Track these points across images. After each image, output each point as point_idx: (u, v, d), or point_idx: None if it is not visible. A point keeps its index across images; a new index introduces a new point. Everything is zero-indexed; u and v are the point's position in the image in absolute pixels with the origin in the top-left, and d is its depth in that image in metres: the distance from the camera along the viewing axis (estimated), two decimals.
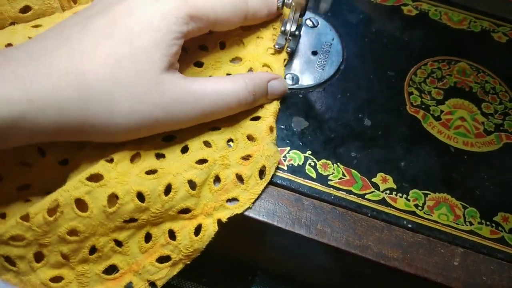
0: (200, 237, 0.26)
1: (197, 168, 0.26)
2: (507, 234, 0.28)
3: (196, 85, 0.26)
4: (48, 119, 0.22)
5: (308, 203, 0.28)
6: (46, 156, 0.27)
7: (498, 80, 0.35)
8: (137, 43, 0.24)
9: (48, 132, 0.23)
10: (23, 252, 0.24)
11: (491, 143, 0.32)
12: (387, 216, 0.28)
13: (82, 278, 0.25)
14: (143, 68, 0.24)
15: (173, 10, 0.25)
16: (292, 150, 0.30)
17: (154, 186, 0.25)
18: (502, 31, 0.38)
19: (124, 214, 0.25)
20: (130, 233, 0.26)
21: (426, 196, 0.29)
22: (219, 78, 0.28)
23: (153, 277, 0.26)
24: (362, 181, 0.29)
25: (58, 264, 0.25)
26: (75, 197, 0.24)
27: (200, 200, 0.26)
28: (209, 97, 0.26)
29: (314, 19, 0.36)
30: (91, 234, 0.25)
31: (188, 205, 0.26)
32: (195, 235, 0.26)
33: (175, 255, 0.26)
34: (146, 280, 0.26)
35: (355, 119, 0.32)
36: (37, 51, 0.23)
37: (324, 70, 0.34)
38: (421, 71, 0.35)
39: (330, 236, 0.27)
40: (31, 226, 0.24)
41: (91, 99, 0.23)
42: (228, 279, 0.36)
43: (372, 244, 0.27)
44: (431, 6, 0.38)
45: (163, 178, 0.25)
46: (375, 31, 0.37)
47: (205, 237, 0.26)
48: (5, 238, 0.24)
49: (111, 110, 0.24)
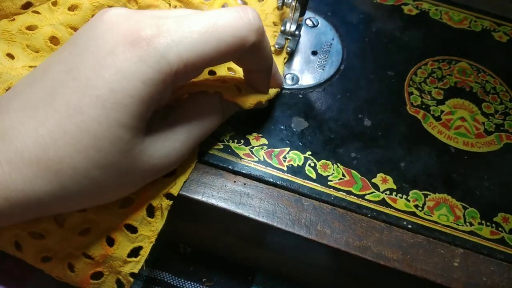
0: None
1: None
2: (507, 234, 0.28)
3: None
4: (28, 212, 0.21)
5: (308, 204, 0.28)
6: None
7: (499, 80, 0.35)
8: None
9: (27, 217, 0.22)
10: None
11: (491, 143, 0.31)
12: (387, 216, 0.28)
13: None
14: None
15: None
16: (292, 150, 0.30)
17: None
18: (503, 30, 0.38)
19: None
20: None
21: (426, 196, 0.29)
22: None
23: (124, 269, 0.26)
24: (362, 181, 0.29)
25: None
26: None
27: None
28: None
29: (314, 19, 0.36)
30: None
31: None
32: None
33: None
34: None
35: (355, 119, 0.32)
36: (5, 126, 0.20)
37: (324, 70, 0.34)
38: (422, 71, 0.35)
39: (330, 237, 0.27)
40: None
41: (73, 189, 0.21)
42: (228, 279, 0.36)
43: (372, 245, 0.27)
44: (431, 6, 0.38)
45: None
46: (375, 30, 0.37)
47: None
48: None
49: (102, 192, 0.23)
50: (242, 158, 0.29)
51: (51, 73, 0.21)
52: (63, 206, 0.22)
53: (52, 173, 0.20)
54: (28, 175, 0.20)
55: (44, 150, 0.20)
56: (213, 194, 0.27)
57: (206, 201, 0.27)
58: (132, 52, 0.20)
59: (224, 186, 0.28)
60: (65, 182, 0.21)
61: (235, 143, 0.30)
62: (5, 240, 0.26)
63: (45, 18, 0.28)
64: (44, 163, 0.20)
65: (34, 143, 0.20)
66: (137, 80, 0.20)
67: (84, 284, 0.26)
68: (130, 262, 0.26)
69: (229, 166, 0.28)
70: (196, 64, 0.22)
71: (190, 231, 0.35)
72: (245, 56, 0.24)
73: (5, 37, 0.27)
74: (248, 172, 0.28)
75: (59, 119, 0.20)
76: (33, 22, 0.28)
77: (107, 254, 0.26)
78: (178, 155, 0.25)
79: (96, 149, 0.21)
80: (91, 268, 0.26)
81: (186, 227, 0.34)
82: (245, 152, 0.29)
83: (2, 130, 0.20)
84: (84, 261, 0.26)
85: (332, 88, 0.33)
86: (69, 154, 0.20)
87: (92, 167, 0.21)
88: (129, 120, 0.21)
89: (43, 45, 0.28)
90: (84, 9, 0.28)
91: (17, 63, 0.27)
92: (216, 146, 0.29)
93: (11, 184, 0.20)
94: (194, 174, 0.28)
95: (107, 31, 0.21)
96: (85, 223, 0.26)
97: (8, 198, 0.20)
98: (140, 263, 0.26)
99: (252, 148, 0.29)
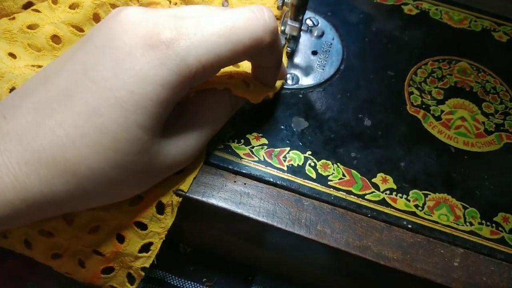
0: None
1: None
2: (508, 234, 0.28)
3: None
4: (44, 211, 0.21)
5: (308, 204, 0.28)
6: None
7: (499, 80, 0.35)
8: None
9: (42, 217, 0.22)
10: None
11: (491, 143, 0.31)
12: (387, 216, 0.28)
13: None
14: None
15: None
16: (292, 150, 0.30)
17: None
18: (503, 30, 0.37)
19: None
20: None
21: (426, 196, 0.29)
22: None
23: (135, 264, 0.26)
24: (362, 181, 0.29)
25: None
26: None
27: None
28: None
29: (314, 19, 0.36)
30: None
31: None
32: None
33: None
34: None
35: (355, 119, 0.32)
36: (22, 127, 0.20)
37: (324, 70, 0.34)
38: (422, 70, 0.35)
39: (330, 236, 0.27)
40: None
41: (90, 189, 0.21)
42: (228, 279, 0.36)
43: (372, 244, 0.27)
44: (431, 5, 0.38)
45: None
46: (375, 30, 0.37)
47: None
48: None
49: (117, 191, 0.23)
50: (242, 158, 0.29)
51: (65, 73, 0.21)
52: (78, 205, 0.23)
53: (69, 174, 0.20)
54: (45, 176, 0.20)
55: (61, 151, 0.20)
56: (213, 194, 0.27)
57: (206, 201, 0.27)
58: (152, 55, 0.20)
59: (224, 186, 0.28)
60: (82, 182, 0.21)
61: (235, 143, 0.30)
62: (15, 238, 0.26)
63: (45, 16, 0.28)
64: (62, 164, 0.20)
65: (51, 144, 0.20)
66: (157, 83, 0.21)
67: (95, 279, 0.27)
68: (141, 258, 0.26)
69: (229, 166, 0.28)
70: (214, 65, 0.22)
71: (190, 231, 0.35)
72: (259, 55, 0.25)
73: (6, 37, 0.27)
74: (248, 172, 0.28)
75: (77, 120, 0.20)
76: (33, 21, 0.28)
77: (117, 250, 0.26)
78: (191, 152, 0.25)
79: (115, 150, 0.21)
80: (102, 263, 0.26)
81: (186, 227, 0.34)
82: (245, 152, 0.29)
83: (18, 132, 0.20)
84: (95, 258, 0.26)
85: (332, 88, 0.33)
86: (87, 155, 0.20)
87: (110, 168, 0.21)
88: (148, 121, 0.21)
89: (45, 44, 0.28)
90: (85, 7, 0.28)
91: (19, 63, 0.27)
92: (216, 146, 0.29)
93: (29, 185, 0.20)
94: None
95: (125, 32, 0.21)
96: (94, 221, 0.26)
97: (25, 199, 0.20)
98: (151, 258, 0.26)
99: (252, 148, 0.29)
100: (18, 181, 0.20)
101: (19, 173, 0.20)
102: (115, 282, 0.27)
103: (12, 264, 0.35)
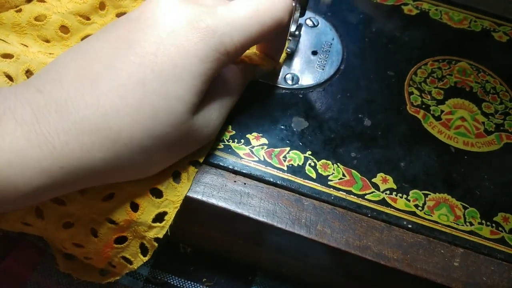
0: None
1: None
2: (507, 234, 0.28)
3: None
4: (79, 181, 0.22)
5: (308, 204, 0.28)
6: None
7: (499, 80, 0.35)
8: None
9: (75, 188, 0.23)
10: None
11: (491, 143, 0.31)
12: (387, 216, 0.28)
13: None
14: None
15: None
16: (292, 150, 0.30)
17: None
18: (503, 30, 0.38)
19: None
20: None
21: (426, 196, 0.29)
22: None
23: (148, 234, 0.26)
24: (362, 181, 0.29)
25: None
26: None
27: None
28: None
29: (314, 19, 0.36)
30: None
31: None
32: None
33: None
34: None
35: (355, 119, 0.32)
36: (62, 99, 0.21)
37: (324, 70, 0.34)
38: (422, 70, 0.35)
39: (330, 236, 0.27)
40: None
41: (125, 158, 0.22)
42: (228, 279, 0.36)
43: (372, 244, 0.27)
44: (431, 6, 0.38)
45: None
46: (375, 30, 0.37)
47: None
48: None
49: (147, 163, 0.24)
50: (242, 158, 0.29)
51: (106, 48, 0.23)
52: (111, 176, 0.23)
53: (110, 141, 0.21)
54: (86, 143, 0.21)
55: (105, 119, 0.21)
56: (213, 193, 0.27)
57: (206, 201, 0.27)
58: (194, 33, 0.23)
59: (224, 186, 0.28)
60: (120, 150, 0.22)
61: (235, 143, 0.30)
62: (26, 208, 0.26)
63: (51, 6, 0.29)
64: (104, 132, 0.21)
65: (95, 113, 0.21)
66: (197, 57, 0.23)
67: (108, 249, 0.26)
68: (155, 227, 0.26)
69: (229, 165, 0.29)
70: (244, 46, 0.25)
71: (190, 231, 0.35)
72: (276, 33, 0.27)
73: (16, 30, 0.28)
74: (248, 171, 0.28)
75: (122, 91, 0.22)
76: (40, 12, 0.28)
77: (131, 219, 0.26)
78: (216, 125, 0.27)
79: (153, 120, 0.22)
80: (115, 232, 0.26)
81: (186, 227, 0.34)
82: (245, 151, 0.29)
83: (59, 104, 0.21)
84: (107, 226, 0.26)
85: (332, 88, 0.33)
86: (128, 123, 0.22)
87: (147, 137, 0.22)
88: (186, 94, 0.23)
89: (54, 35, 0.29)
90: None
91: (32, 49, 0.28)
92: (216, 145, 0.29)
93: (68, 152, 0.20)
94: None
95: (168, 14, 0.23)
96: (109, 188, 0.26)
97: (63, 167, 0.20)
98: (165, 228, 0.26)
99: (252, 147, 0.29)
100: (56, 149, 0.20)
101: (57, 142, 0.20)
102: (128, 252, 0.27)
103: (12, 264, 0.35)
